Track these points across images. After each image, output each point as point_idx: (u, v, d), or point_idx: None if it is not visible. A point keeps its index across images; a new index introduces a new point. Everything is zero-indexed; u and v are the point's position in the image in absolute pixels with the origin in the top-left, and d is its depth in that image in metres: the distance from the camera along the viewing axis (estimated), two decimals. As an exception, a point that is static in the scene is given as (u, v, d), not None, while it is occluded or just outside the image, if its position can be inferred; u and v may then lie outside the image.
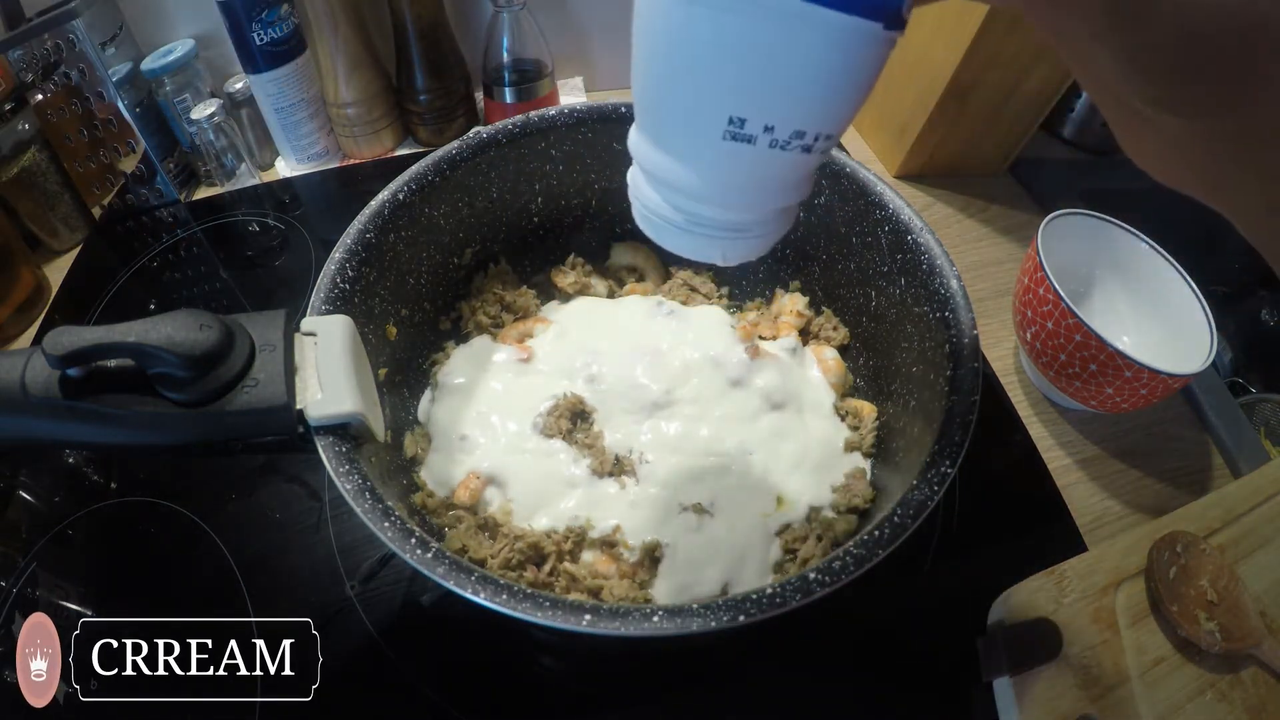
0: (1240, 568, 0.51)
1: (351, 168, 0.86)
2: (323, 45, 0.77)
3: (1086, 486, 0.59)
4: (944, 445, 0.39)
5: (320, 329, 0.40)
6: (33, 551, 0.54)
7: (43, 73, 0.70)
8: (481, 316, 0.58)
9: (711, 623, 0.33)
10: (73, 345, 0.32)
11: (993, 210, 0.82)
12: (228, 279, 0.75)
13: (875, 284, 0.53)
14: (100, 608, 0.52)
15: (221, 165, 0.80)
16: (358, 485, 0.36)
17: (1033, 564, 0.50)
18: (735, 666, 0.50)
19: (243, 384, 0.36)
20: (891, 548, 0.35)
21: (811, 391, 0.55)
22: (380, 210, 0.49)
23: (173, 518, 0.56)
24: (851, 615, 0.51)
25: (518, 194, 0.58)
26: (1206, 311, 0.57)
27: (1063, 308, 0.55)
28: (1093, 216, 0.62)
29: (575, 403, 0.52)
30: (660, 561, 0.47)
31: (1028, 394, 0.65)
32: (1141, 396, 0.55)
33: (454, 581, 0.34)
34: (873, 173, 0.51)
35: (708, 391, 0.53)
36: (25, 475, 0.60)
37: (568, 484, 0.49)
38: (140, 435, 0.36)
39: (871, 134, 0.90)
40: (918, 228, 0.48)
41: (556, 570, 0.46)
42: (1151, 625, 0.49)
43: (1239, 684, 0.47)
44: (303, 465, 0.58)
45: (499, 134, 0.54)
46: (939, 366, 0.43)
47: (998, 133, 0.81)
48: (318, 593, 0.51)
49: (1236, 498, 0.54)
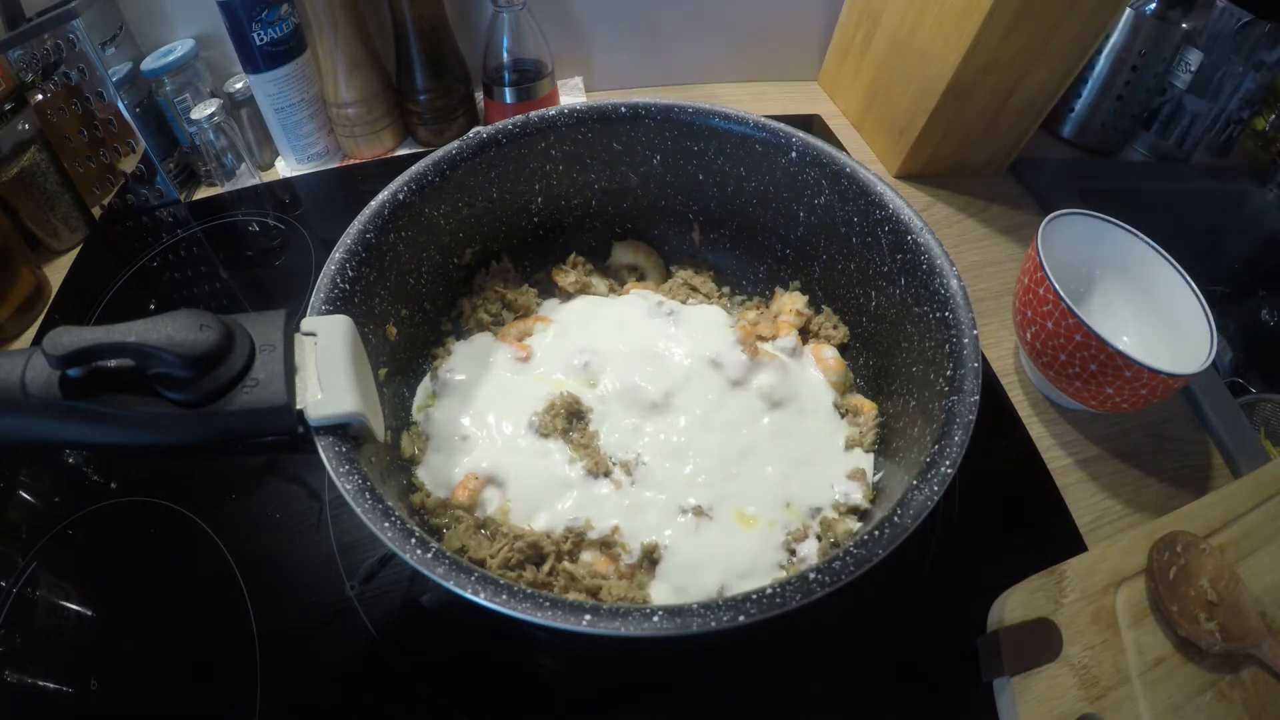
0: (1240, 568, 0.51)
1: (351, 168, 0.86)
2: (323, 45, 0.77)
3: (1086, 486, 0.59)
4: (944, 445, 0.39)
5: (320, 329, 0.40)
6: (33, 551, 0.54)
7: (43, 73, 0.70)
8: (482, 314, 0.58)
9: (711, 623, 0.33)
10: (73, 345, 0.32)
11: (993, 210, 0.82)
12: (228, 279, 0.75)
13: (875, 284, 0.53)
14: (100, 608, 0.52)
15: (221, 165, 0.80)
16: (358, 485, 0.36)
17: (1033, 564, 0.50)
18: (735, 666, 0.50)
19: (243, 384, 0.36)
20: (891, 548, 0.35)
21: (811, 391, 0.55)
22: (380, 210, 0.49)
23: (173, 518, 0.56)
24: (851, 615, 0.51)
25: (518, 194, 0.58)
26: (1206, 311, 0.57)
27: (1063, 308, 0.55)
28: (1093, 216, 0.62)
29: (571, 402, 0.52)
30: (659, 563, 0.47)
31: (1028, 394, 0.65)
32: (1141, 396, 0.55)
33: (454, 581, 0.34)
34: (873, 173, 0.51)
35: (707, 392, 0.53)
36: (25, 475, 0.59)
37: (563, 484, 0.49)
38: (140, 435, 0.36)
39: (871, 134, 0.90)
40: (918, 228, 0.48)
41: (555, 570, 0.46)
42: (1151, 625, 0.49)
43: (1239, 684, 0.47)
44: (303, 465, 0.58)
45: (499, 134, 0.54)
46: (939, 366, 0.44)
47: (998, 133, 0.81)
48: (318, 593, 0.51)
49: (1236, 498, 0.54)
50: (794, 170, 0.55)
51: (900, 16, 0.78)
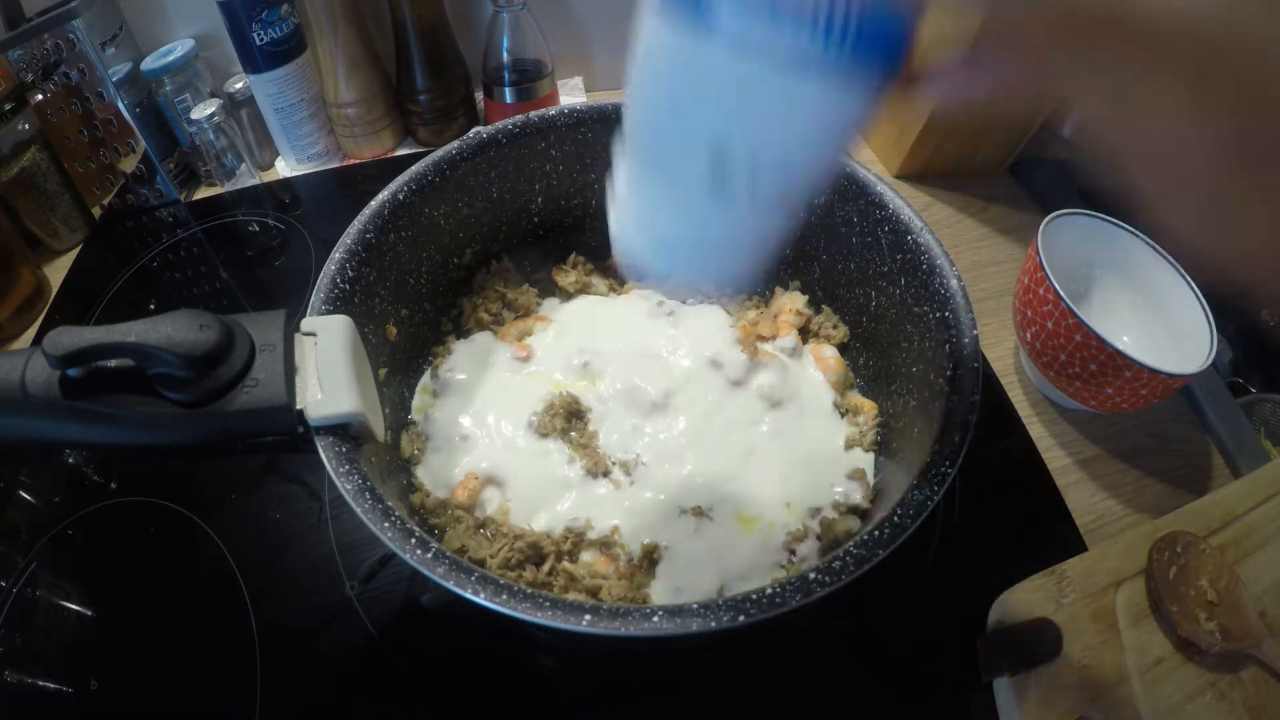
0: (1240, 568, 0.51)
1: (351, 168, 0.86)
2: (323, 45, 0.77)
3: (1086, 486, 0.59)
4: (944, 445, 0.39)
5: (320, 329, 0.40)
6: (33, 551, 0.54)
7: (43, 73, 0.70)
8: (483, 313, 0.58)
9: (711, 623, 0.33)
10: (73, 345, 0.32)
11: (993, 210, 0.82)
12: (228, 279, 0.75)
13: (875, 284, 0.53)
14: (100, 608, 0.52)
15: (221, 165, 0.80)
16: (358, 485, 0.36)
17: (1033, 564, 0.50)
18: (735, 666, 0.50)
19: (243, 384, 0.36)
20: (891, 548, 0.35)
21: (811, 391, 0.55)
22: (380, 210, 0.49)
23: (173, 518, 0.56)
24: (851, 615, 0.51)
25: (518, 194, 0.58)
26: (1206, 311, 0.57)
27: (1063, 308, 0.55)
28: (1093, 216, 0.62)
29: (570, 402, 0.52)
30: (659, 564, 0.47)
31: (1028, 394, 0.65)
32: (1141, 396, 0.55)
33: (454, 581, 0.34)
34: (873, 173, 0.51)
35: (707, 393, 0.53)
36: (25, 475, 0.60)
37: (563, 485, 0.49)
38: (140, 435, 0.36)
39: (871, 134, 0.90)
40: (918, 228, 0.48)
41: (555, 570, 0.46)
42: (1151, 625, 0.49)
43: (1239, 684, 0.47)
44: (303, 465, 0.58)
45: (499, 134, 0.54)
46: (939, 366, 0.43)
47: (998, 133, 0.81)
48: (318, 593, 0.51)
49: (1236, 498, 0.54)
50: (794, 170, 0.55)
51: (900, 16, 0.78)
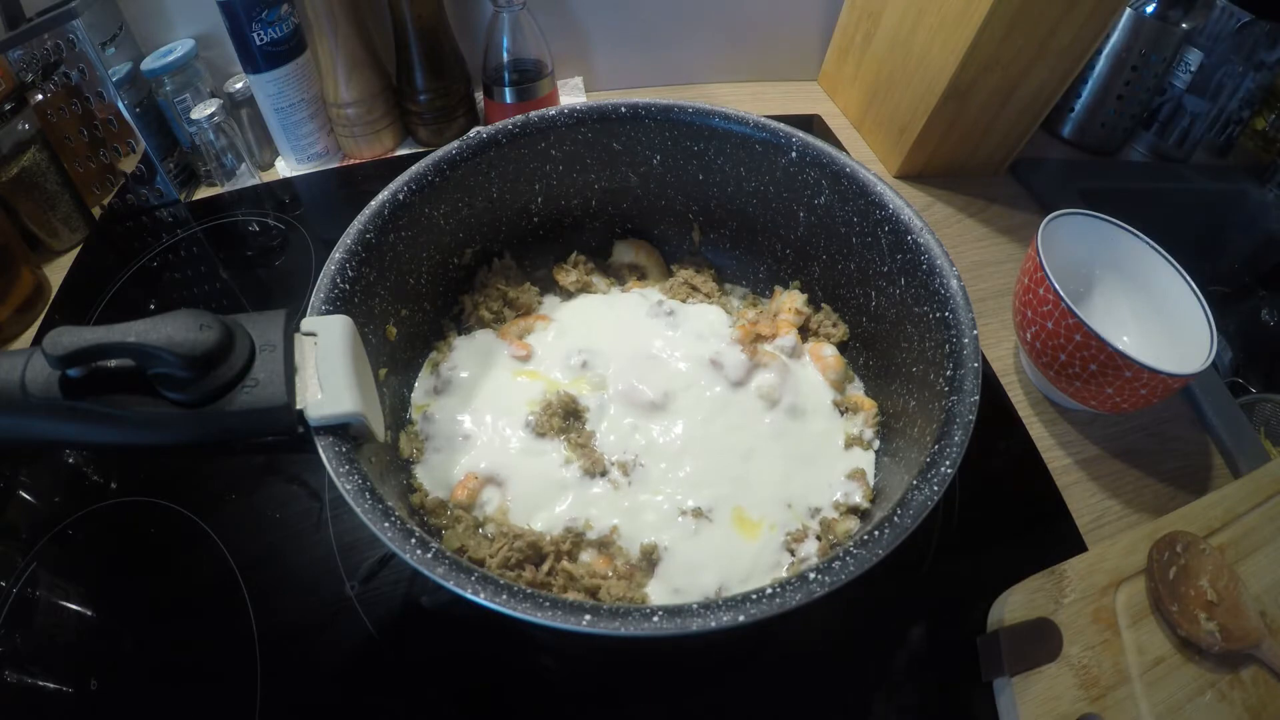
0: (1240, 568, 0.51)
1: (351, 168, 0.86)
2: (323, 45, 0.77)
3: (1086, 486, 0.59)
4: (944, 445, 0.39)
5: (320, 329, 0.40)
6: (33, 551, 0.54)
7: (43, 73, 0.70)
8: (484, 311, 0.58)
9: (711, 623, 0.33)
10: (73, 345, 0.32)
11: (993, 210, 0.82)
12: (228, 279, 0.75)
13: (875, 284, 0.53)
14: (100, 608, 0.52)
15: (221, 165, 0.80)
16: (358, 485, 0.36)
17: (1033, 564, 0.50)
18: (735, 666, 0.50)
19: (243, 384, 0.36)
20: (891, 548, 0.35)
21: (811, 390, 0.55)
22: (380, 210, 0.49)
23: (173, 518, 0.56)
24: (852, 615, 0.51)
25: (518, 194, 0.58)
26: (1206, 311, 0.57)
27: (1063, 308, 0.55)
28: (1093, 216, 0.62)
29: (568, 401, 0.52)
30: (658, 564, 0.47)
31: (1028, 394, 0.65)
32: (1141, 397, 0.55)
33: (454, 581, 0.34)
34: (873, 173, 0.51)
35: (706, 392, 0.52)
36: (25, 475, 0.59)
37: (561, 485, 0.49)
38: (140, 435, 0.36)
39: (871, 134, 0.90)
40: (918, 228, 0.48)
41: (555, 570, 0.46)
42: (1151, 625, 0.49)
43: (1239, 684, 0.47)
44: (303, 465, 0.58)
45: (499, 134, 0.54)
46: (939, 366, 0.43)
47: (998, 133, 0.81)
48: (318, 593, 0.51)
49: (1236, 498, 0.54)
50: (794, 170, 0.55)
51: (900, 16, 0.78)
